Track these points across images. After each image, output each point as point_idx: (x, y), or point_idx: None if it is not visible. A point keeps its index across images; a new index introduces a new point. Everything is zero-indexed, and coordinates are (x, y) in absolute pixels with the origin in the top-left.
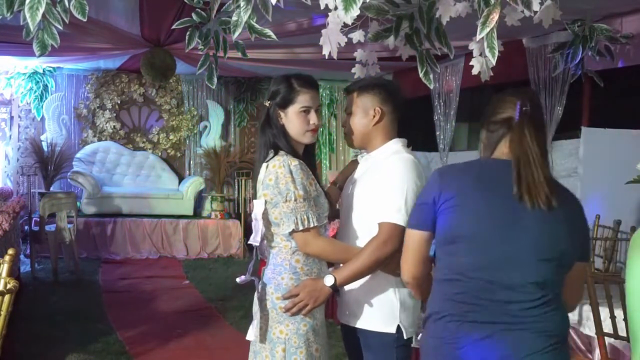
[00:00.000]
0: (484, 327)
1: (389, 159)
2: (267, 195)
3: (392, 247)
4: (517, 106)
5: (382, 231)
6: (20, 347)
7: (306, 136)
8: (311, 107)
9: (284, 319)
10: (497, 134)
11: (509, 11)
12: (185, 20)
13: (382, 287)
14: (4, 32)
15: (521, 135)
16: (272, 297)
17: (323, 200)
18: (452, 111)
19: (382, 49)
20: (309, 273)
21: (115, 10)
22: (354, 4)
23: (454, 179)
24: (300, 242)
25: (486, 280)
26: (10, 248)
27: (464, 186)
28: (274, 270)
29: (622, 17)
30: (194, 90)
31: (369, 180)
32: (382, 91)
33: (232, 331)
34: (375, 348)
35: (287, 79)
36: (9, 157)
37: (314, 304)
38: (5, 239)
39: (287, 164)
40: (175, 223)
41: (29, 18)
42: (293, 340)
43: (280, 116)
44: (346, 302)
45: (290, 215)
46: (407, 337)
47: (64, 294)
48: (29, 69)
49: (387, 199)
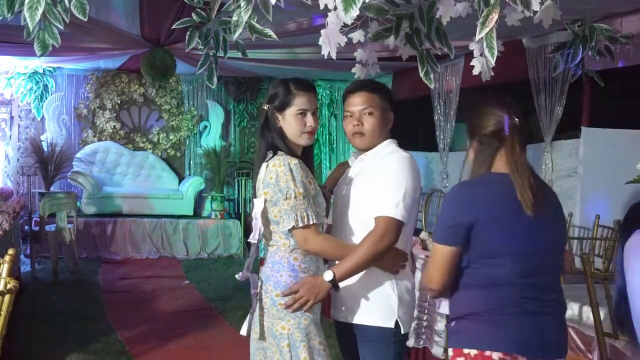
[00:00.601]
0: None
1: (388, 157)
2: (267, 193)
3: (389, 241)
4: (505, 120)
5: (379, 225)
6: (20, 347)
7: (302, 138)
8: (308, 109)
9: (285, 315)
10: (491, 148)
11: (508, 11)
12: (185, 20)
13: (379, 282)
14: (5, 32)
15: (513, 151)
16: (271, 294)
17: (321, 200)
18: (452, 111)
19: (382, 49)
20: (306, 271)
21: (115, 10)
22: (354, 4)
23: (481, 199)
24: (300, 239)
25: (525, 284)
26: (10, 248)
27: (493, 205)
28: (272, 267)
29: (622, 17)
30: (194, 90)
31: (366, 178)
32: (390, 94)
33: (232, 331)
34: (373, 343)
35: (285, 82)
36: (9, 157)
37: (315, 300)
38: (5, 239)
39: (287, 162)
40: (175, 223)
41: (28, 18)
42: (296, 334)
43: (278, 119)
44: (342, 298)
45: (291, 212)
46: (404, 332)
47: (64, 294)
48: (29, 69)
49: (384, 194)
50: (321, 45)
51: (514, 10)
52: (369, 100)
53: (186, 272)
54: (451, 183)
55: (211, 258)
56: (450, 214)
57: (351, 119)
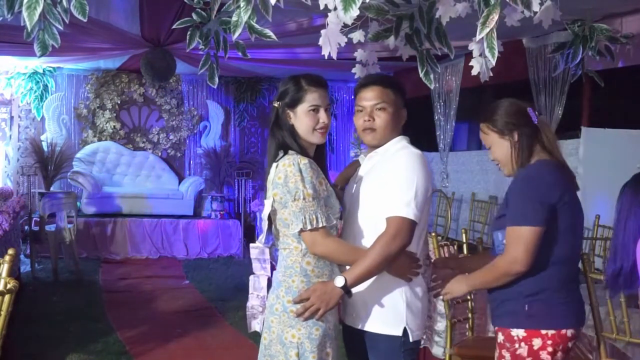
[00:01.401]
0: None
1: (398, 153)
2: (276, 194)
3: (401, 242)
4: (531, 113)
5: (391, 225)
6: (20, 347)
7: (315, 135)
8: (320, 105)
9: (296, 323)
10: (531, 138)
11: (509, 11)
12: (185, 20)
13: (387, 287)
14: (5, 32)
15: (550, 136)
16: (283, 300)
17: (334, 201)
18: (452, 111)
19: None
20: (320, 275)
21: (115, 10)
22: (354, 4)
23: (561, 179)
24: (308, 242)
25: (576, 258)
26: (10, 248)
27: (568, 185)
28: (284, 272)
29: (622, 17)
30: (194, 90)
31: (376, 176)
32: (404, 90)
33: (232, 331)
34: (381, 351)
35: (296, 78)
36: (9, 157)
37: (326, 307)
38: (5, 239)
39: (297, 162)
40: (175, 223)
41: (26, 17)
42: (306, 344)
43: (289, 116)
44: (350, 302)
45: (299, 214)
46: (414, 340)
47: (64, 294)
48: (29, 69)
49: (395, 193)
50: (321, 46)
51: (514, 10)
52: (382, 95)
53: (186, 272)
54: (451, 183)
55: (211, 258)
56: (539, 195)
57: (362, 114)
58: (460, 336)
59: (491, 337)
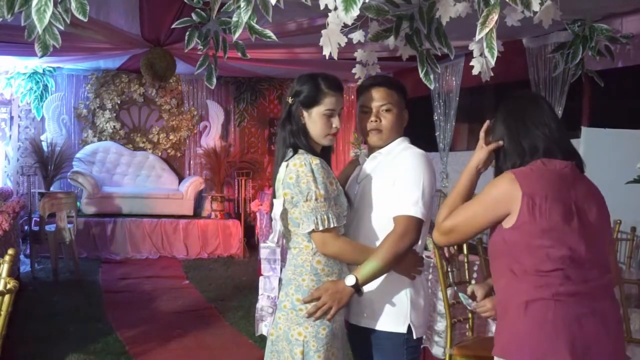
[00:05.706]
0: None
1: (403, 153)
2: (287, 194)
3: (410, 241)
4: None
5: (399, 224)
6: (20, 347)
7: (326, 139)
8: (335, 110)
9: (303, 321)
10: None
11: (508, 11)
12: (185, 20)
13: (392, 285)
14: (5, 32)
15: None
16: (292, 297)
17: (343, 199)
18: (452, 111)
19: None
20: (330, 274)
21: (115, 10)
22: (354, 4)
23: None
24: (318, 242)
25: None
26: (10, 248)
27: None
28: (294, 271)
29: (622, 17)
30: (194, 90)
31: (382, 175)
32: (406, 92)
33: (232, 331)
34: (385, 348)
35: (314, 78)
36: (9, 157)
37: (338, 306)
38: (5, 239)
39: (309, 162)
40: (175, 223)
41: (36, 20)
42: (312, 343)
43: (302, 115)
44: (357, 301)
45: (311, 215)
46: (417, 337)
47: (64, 294)
48: (29, 69)
49: (403, 193)
50: (321, 46)
51: (514, 10)
52: (388, 97)
53: (186, 272)
54: (451, 183)
55: (211, 258)
56: None
57: (369, 115)
58: (460, 336)
59: (491, 337)
